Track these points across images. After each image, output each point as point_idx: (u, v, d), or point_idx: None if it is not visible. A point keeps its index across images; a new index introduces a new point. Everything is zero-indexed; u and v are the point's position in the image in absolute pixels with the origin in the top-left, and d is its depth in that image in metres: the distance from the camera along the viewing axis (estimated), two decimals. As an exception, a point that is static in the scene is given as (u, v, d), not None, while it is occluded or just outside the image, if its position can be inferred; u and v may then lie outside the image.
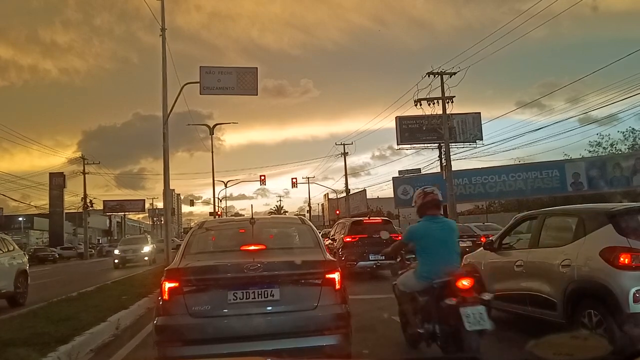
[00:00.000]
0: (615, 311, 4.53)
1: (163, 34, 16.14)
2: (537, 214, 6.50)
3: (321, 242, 5.03)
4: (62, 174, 54.77)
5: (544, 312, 5.55)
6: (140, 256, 25.96)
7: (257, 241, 4.77)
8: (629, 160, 34.19)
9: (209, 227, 5.56)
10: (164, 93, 15.86)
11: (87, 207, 51.61)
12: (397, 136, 39.91)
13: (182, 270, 4.40)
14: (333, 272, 4.34)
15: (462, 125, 38.97)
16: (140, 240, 29.03)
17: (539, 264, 5.74)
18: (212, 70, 15.23)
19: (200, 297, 4.14)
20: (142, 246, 26.95)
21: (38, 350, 5.08)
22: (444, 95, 28.77)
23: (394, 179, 41.08)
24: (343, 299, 4.32)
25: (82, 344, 5.84)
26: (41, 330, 6.07)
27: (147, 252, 26.46)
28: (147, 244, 27.50)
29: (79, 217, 57.49)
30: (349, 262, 13.33)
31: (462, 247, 18.82)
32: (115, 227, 79.23)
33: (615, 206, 5.34)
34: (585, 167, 35.10)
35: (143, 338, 6.51)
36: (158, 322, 4.18)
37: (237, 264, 4.31)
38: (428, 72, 28.70)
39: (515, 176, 36.41)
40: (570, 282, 5.08)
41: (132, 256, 25.99)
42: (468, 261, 7.59)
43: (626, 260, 4.64)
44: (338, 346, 4.11)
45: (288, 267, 4.30)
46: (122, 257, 25.87)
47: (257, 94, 15.68)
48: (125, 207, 75.26)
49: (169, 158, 16.36)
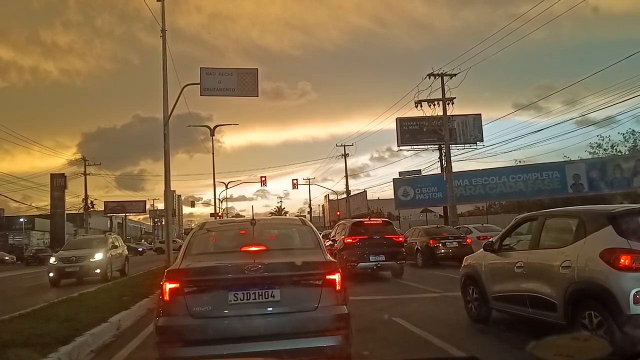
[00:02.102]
0: (616, 312, 4.54)
1: (163, 35, 16.16)
2: (537, 216, 6.49)
3: (322, 243, 5.04)
4: (63, 175, 54.88)
5: (545, 314, 5.55)
6: (86, 268, 17.06)
7: (258, 242, 4.78)
8: (629, 161, 34.19)
9: (210, 228, 5.56)
10: (165, 94, 15.89)
11: (88, 208, 51.70)
12: (398, 137, 39.90)
13: (183, 271, 4.41)
14: (333, 273, 4.35)
15: (462, 126, 38.96)
16: (93, 243, 19.07)
17: (539, 265, 5.74)
18: (213, 71, 15.24)
19: (201, 298, 4.15)
20: (91, 252, 17.60)
21: (39, 351, 5.08)
22: (444, 97, 28.79)
23: (394, 180, 41.07)
24: (343, 300, 4.33)
25: (83, 345, 5.85)
26: (42, 331, 6.07)
27: (99, 262, 17.30)
28: (101, 249, 18.00)
29: (80, 218, 57.53)
30: (349, 263, 13.32)
31: (448, 248, 18.77)
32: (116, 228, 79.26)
33: (616, 207, 5.35)
34: (585, 168, 35.11)
35: (144, 339, 6.51)
36: (159, 322, 4.19)
37: (238, 265, 4.32)
38: (429, 74, 28.74)
39: (515, 177, 36.41)
40: (571, 283, 5.09)
41: (74, 268, 17.02)
42: (468, 262, 7.59)
43: (626, 262, 4.65)
44: (338, 347, 4.12)
45: (289, 268, 4.31)
46: (60, 270, 17.03)
47: (258, 95, 15.70)
48: (126, 208, 75.44)
49: (169, 159, 16.40)
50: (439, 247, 17.86)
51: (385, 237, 14.25)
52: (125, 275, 18.61)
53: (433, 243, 18.01)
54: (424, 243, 18.20)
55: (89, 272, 17.08)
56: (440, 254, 17.73)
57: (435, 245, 17.94)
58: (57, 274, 17.09)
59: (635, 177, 32.97)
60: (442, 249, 17.81)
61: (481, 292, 6.88)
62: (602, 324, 4.67)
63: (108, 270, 17.49)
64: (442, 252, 17.76)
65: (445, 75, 28.54)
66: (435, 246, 17.91)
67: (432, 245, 17.96)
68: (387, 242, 14.17)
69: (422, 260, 17.96)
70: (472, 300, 7.15)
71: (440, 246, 17.90)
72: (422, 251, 18.09)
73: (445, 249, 17.82)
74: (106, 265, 17.48)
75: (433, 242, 18.03)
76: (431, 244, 17.98)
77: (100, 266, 17.29)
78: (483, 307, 6.87)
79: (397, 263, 13.98)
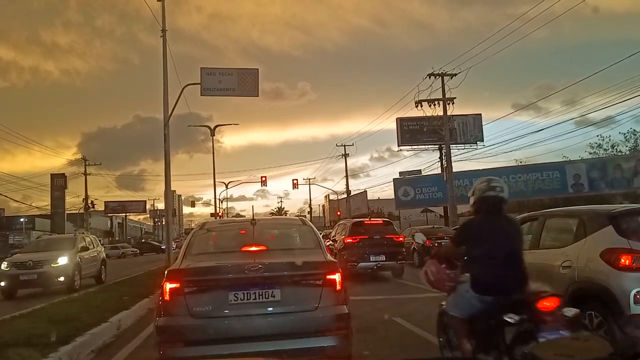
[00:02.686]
0: (616, 312, 4.53)
1: (164, 35, 16.16)
2: (537, 215, 6.49)
3: (322, 243, 5.04)
4: (63, 175, 54.91)
5: (545, 314, 5.54)
6: (46, 275, 13.71)
7: (258, 242, 4.78)
8: (629, 161, 34.18)
9: (210, 228, 5.57)
10: (165, 94, 15.88)
11: (89, 208, 51.69)
12: (398, 137, 39.88)
13: (183, 271, 4.41)
14: (334, 273, 4.35)
15: (462, 126, 38.95)
16: (57, 245, 15.62)
17: (539, 265, 5.73)
18: (213, 71, 15.22)
19: (202, 298, 4.15)
20: (54, 256, 14.24)
21: (39, 351, 5.09)
22: (444, 97, 28.78)
23: (394, 180, 41.07)
24: (344, 300, 4.33)
25: (84, 345, 5.85)
26: (42, 331, 6.07)
27: (63, 268, 13.95)
28: (66, 252, 14.58)
29: (80, 218, 57.52)
30: (349, 263, 13.33)
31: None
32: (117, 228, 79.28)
33: (616, 207, 5.35)
34: (586, 168, 35.09)
35: (144, 339, 6.52)
36: (159, 322, 4.19)
37: (238, 265, 4.32)
38: (429, 74, 28.73)
39: (516, 177, 36.36)
40: (571, 283, 5.08)
41: (31, 275, 13.70)
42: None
43: (627, 262, 4.64)
44: (339, 347, 4.12)
45: (289, 268, 4.31)
46: (13, 278, 13.63)
47: (258, 95, 15.69)
48: (127, 208, 75.43)
49: (170, 159, 16.40)
50: (435, 247, 17.95)
51: (385, 237, 14.28)
52: (101, 282, 15.69)
53: (429, 243, 18.14)
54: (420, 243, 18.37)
55: (49, 280, 13.69)
56: None
57: (432, 245, 18.07)
58: (9, 283, 13.61)
59: (635, 177, 32.95)
60: None
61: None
62: (603, 324, 4.67)
63: (76, 278, 14.19)
64: None
65: (446, 75, 28.53)
66: (431, 246, 18.05)
67: (428, 245, 18.10)
68: (387, 242, 14.20)
69: (418, 260, 18.11)
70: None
71: (436, 246, 18.03)
72: (418, 251, 18.26)
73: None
74: (73, 272, 14.11)
75: (429, 242, 18.16)
76: (427, 244, 18.12)
77: (65, 273, 13.86)
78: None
79: (397, 263, 14.01)
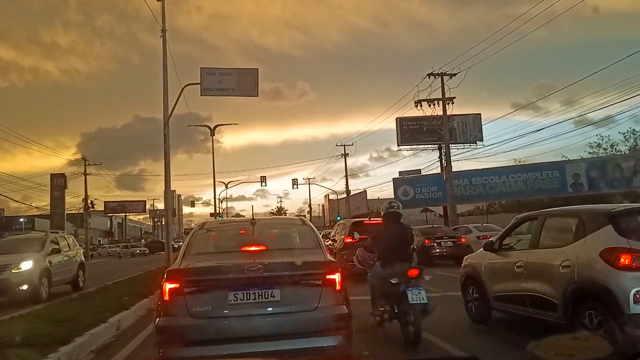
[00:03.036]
0: (616, 312, 4.53)
1: (164, 35, 16.17)
2: (537, 215, 6.49)
3: (322, 243, 5.03)
4: (63, 175, 54.93)
5: (545, 313, 5.54)
6: (6, 283, 11.57)
7: (258, 242, 4.78)
8: (629, 161, 34.22)
9: (210, 228, 5.56)
10: (165, 94, 15.89)
11: (88, 208, 51.66)
12: (398, 137, 39.89)
13: (183, 271, 4.41)
14: (334, 273, 4.35)
15: (462, 126, 38.95)
16: (22, 246, 13.28)
17: (539, 265, 5.74)
18: (213, 71, 15.23)
19: (201, 298, 4.14)
20: (16, 260, 12.11)
21: (39, 351, 5.08)
22: (444, 96, 28.80)
23: (394, 179, 41.10)
24: (344, 300, 4.33)
25: (83, 345, 5.85)
26: (42, 331, 6.07)
27: (27, 274, 11.84)
28: (32, 255, 12.47)
29: (80, 218, 57.56)
30: (349, 263, 13.31)
31: (443, 248, 19.15)
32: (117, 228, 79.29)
33: (616, 207, 5.35)
34: (585, 168, 35.12)
35: (144, 339, 6.51)
36: (159, 322, 4.18)
37: (238, 265, 4.31)
38: (428, 73, 28.75)
39: (515, 177, 36.40)
40: (571, 283, 5.08)
41: None
42: (468, 262, 7.59)
43: (626, 261, 4.65)
44: (339, 347, 4.12)
45: (289, 268, 4.30)
46: None
47: (258, 95, 15.72)
48: (126, 208, 75.49)
49: (169, 159, 16.41)
50: (434, 247, 18.08)
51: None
52: (78, 289, 13.74)
53: (428, 243, 18.16)
54: (419, 243, 18.37)
55: (9, 289, 11.56)
56: (435, 253, 17.97)
57: (431, 245, 18.11)
58: None
59: (635, 176, 32.98)
60: (437, 249, 18.04)
61: (481, 292, 6.88)
62: (602, 323, 4.67)
63: (43, 286, 12.05)
64: (437, 251, 17.99)
65: (445, 75, 28.56)
66: (430, 246, 18.08)
67: (427, 245, 18.11)
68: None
69: (417, 260, 18.12)
70: (472, 300, 7.15)
71: (435, 246, 18.10)
72: (417, 251, 18.29)
73: (440, 248, 18.07)
74: (39, 278, 11.94)
75: (428, 241, 18.20)
76: (426, 243, 18.13)
77: (29, 280, 11.74)
78: (483, 306, 6.86)
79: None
